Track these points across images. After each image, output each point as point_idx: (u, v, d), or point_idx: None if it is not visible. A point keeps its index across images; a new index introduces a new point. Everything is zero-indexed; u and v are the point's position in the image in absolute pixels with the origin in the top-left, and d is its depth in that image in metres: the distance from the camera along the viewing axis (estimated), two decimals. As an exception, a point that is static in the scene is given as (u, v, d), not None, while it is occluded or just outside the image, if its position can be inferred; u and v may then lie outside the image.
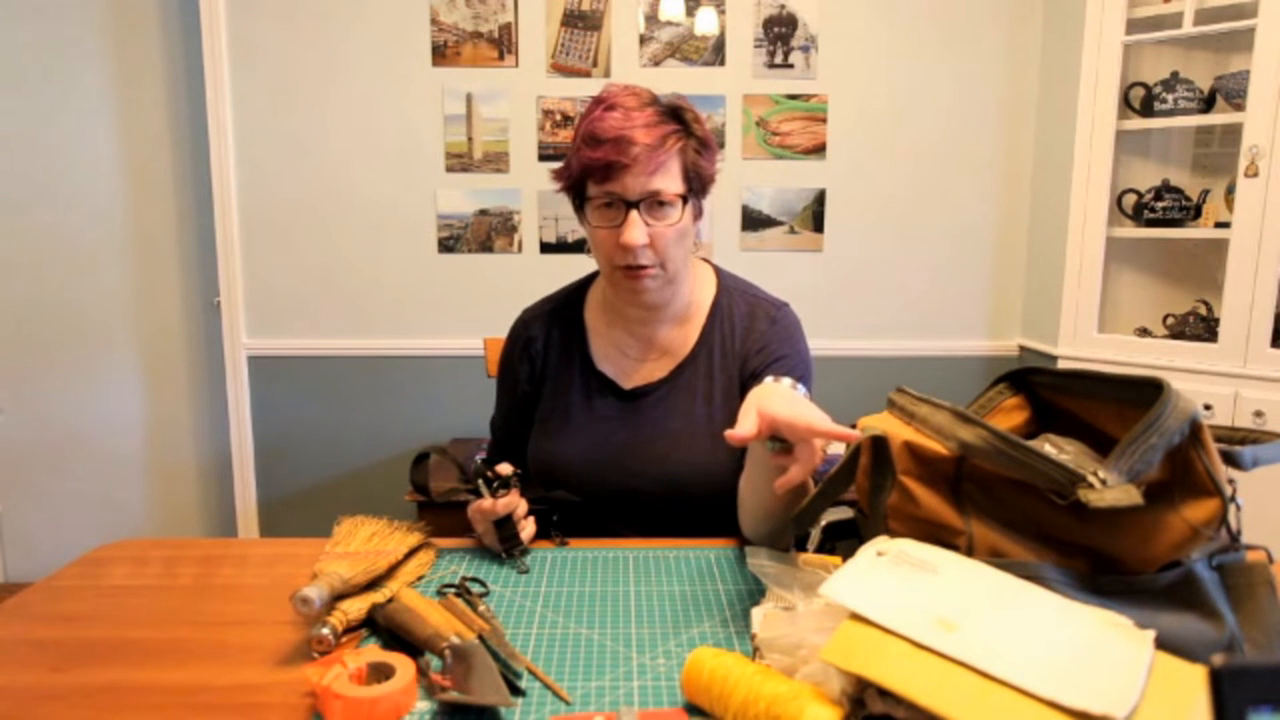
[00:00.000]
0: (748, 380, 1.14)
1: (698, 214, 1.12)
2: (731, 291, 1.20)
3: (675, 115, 1.07)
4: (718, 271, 1.24)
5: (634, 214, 1.02)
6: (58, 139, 2.57)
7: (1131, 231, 2.30)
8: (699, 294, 1.19)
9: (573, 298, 1.25)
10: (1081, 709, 0.50)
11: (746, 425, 0.80)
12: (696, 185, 1.08)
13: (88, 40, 2.54)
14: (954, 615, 0.59)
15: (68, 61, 2.55)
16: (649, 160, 1.01)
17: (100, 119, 2.58)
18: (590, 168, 1.02)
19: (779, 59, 2.52)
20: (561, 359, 1.20)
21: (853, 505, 0.84)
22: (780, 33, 2.51)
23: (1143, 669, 0.54)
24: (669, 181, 1.04)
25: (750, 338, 1.16)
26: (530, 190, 2.55)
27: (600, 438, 1.14)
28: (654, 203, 1.03)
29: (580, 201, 1.09)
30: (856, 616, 0.60)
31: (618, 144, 1.01)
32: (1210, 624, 0.61)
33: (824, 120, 2.55)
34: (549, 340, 1.21)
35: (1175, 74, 2.20)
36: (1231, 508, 0.64)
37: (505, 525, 0.99)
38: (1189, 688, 0.52)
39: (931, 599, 0.61)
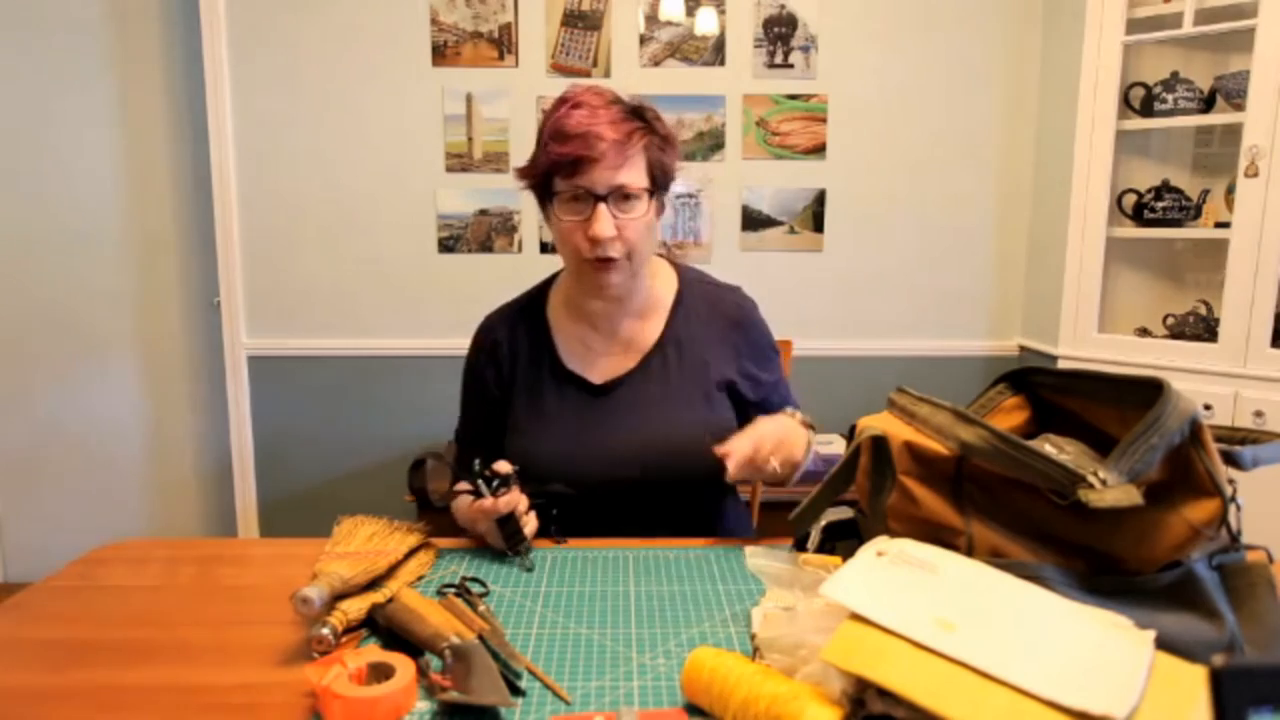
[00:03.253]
0: (741, 386, 1.21)
1: (660, 209, 1.15)
2: (692, 284, 1.25)
3: (638, 114, 1.11)
4: (677, 267, 1.27)
5: (602, 207, 1.05)
6: (58, 139, 2.57)
7: (1131, 231, 2.30)
8: (660, 289, 1.23)
9: (535, 299, 1.26)
10: (1081, 709, 0.50)
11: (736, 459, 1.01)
12: (661, 181, 1.12)
13: (88, 40, 2.54)
14: (954, 615, 0.59)
15: (68, 62, 2.54)
16: (616, 155, 1.05)
17: (100, 119, 2.58)
18: (558, 163, 1.05)
19: (779, 59, 2.52)
20: (530, 360, 1.22)
21: (853, 505, 0.84)
22: (780, 33, 2.51)
23: (1143, 669, 0.54)
24: (635, 176, 1.07)
25: (724, 339, 1.21)
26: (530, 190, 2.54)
27: (577, 433, 1.16)
28: (621, 196, 1.06)
29: (545, 197, 1.11)
30: (857, 617, 0.60)
31: (585, 139, 1.04)
32: (1210, 624, 0.61)
33: (824, 120, 2.55)
34: (515, 342, 1.23)
35: (1175, 74, 2.20)
36: (1231, 508, 0.64)
37: (508, 523, 0.99)
38: (1189, 688, 0.52)
39: (932, 599, 0.61)
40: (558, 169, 1.06)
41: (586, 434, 1.15)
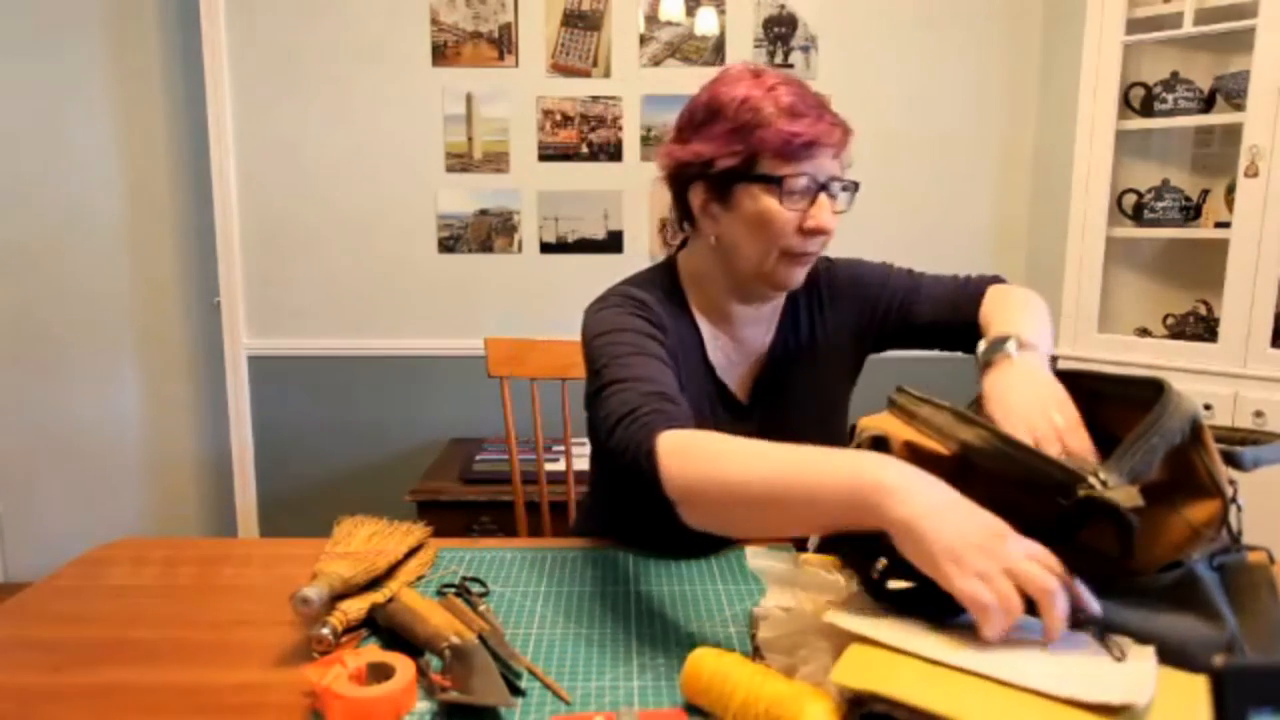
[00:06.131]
0: (885, 330, 1.14)
1: None
2: None
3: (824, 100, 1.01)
4: None
5: (824, 196, 0.97)
6: (58, 138, 2.57)
7: (1131, 231, 2.30)
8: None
9: (672, 291, 1.09)
10: (1102, 702, 0.50)
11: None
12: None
13: (88, 40, 2.54)
14: (958, 630, 0.59)
15: (68, 61, 2.54)
16: (842, 144, 0.98)
17: (100, 118, 2.58)
18: (791, 144, 0.94)
19: (779, 59, 2.52)
20: (686, 363, 1.06)
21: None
22: (780, 33, 2.51)
23: (1151, 665, 0.54)
24: (842, 169, 1.00)
25: (838, 312, 1.13)
26: (530, 190, 2.54)
27: None
28: (834, 189, 0.98)
29: (733, 181, 0.98)
30: (863, 638, 0.60)
31: (821, 121, 0.95)
32: (1211, 625, 0.61)
33: (824, 120, 2.54)
34: (676, 335, 1.05)
35: (1175, 74, 2.20)
36: (1232, 508, 0.64)
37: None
38: (1193, 696, 0.52)
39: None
40: (787, 151, 0.94)
41: None
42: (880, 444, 0.75)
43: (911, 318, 1.13)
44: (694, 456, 0.77)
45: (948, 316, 1.10)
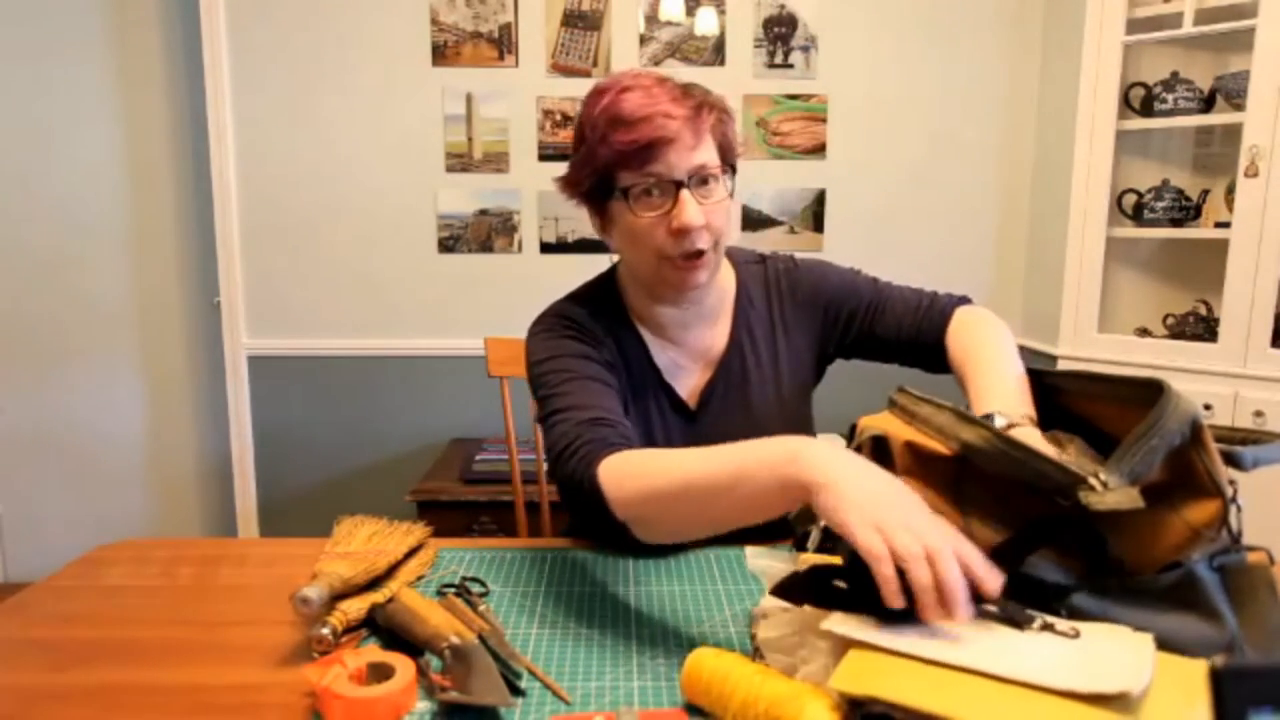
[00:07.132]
0: (846, 338, 1.11)
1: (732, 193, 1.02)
2: (745, 268, 1.14)
3: (690, 89, 0.99)
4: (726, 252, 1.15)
5: (685, 193, 0.93)
6: (58, 139, 2.57)
7: (1131, 231, 2.30)
8: (724, 284, 1.11)
9: (610, 303, 1.10)
10: (1097, 692, 0.50)
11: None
12: (730, 160, 1.00)
13: (88, 40, 2.54)
14: (957, 630, 0.59)
15: (68, 61, 2.54)
16: (691, 134, 0.93)
17: (100, 118, 2.58)
18: (626, 153, 0.92)
19: (779, 59, 2.52)
20: (634, 369, 1.07)
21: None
22: (780, 33, 2.51)
23: (1149, 655, 0.55)
24: (710, 155, 0.95)
25: (795, 319, 1.11)
26: (530, 190, 2.54)
27: None
28: (700, 180, 0.94)
29: (604, 199, 0.99)
30: (861, 643, 0.60)
31: (653, 121, 0.91)
32: (1211, 625, 0.61)
33: (824, 120, 2.55)
34: (615, 348, 1.06)
35: (1175, 74, 2.20)
36: (1232, 509, 0.64)
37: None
38: (1192, 683, 0.53)
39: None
40: (624, 161, 0.93)
41: None
42: (880, 444, 0.75)
43: (874, 329, 1.11)
44: (629, 477, 0.82)
45: (911, 335, 1.09)
